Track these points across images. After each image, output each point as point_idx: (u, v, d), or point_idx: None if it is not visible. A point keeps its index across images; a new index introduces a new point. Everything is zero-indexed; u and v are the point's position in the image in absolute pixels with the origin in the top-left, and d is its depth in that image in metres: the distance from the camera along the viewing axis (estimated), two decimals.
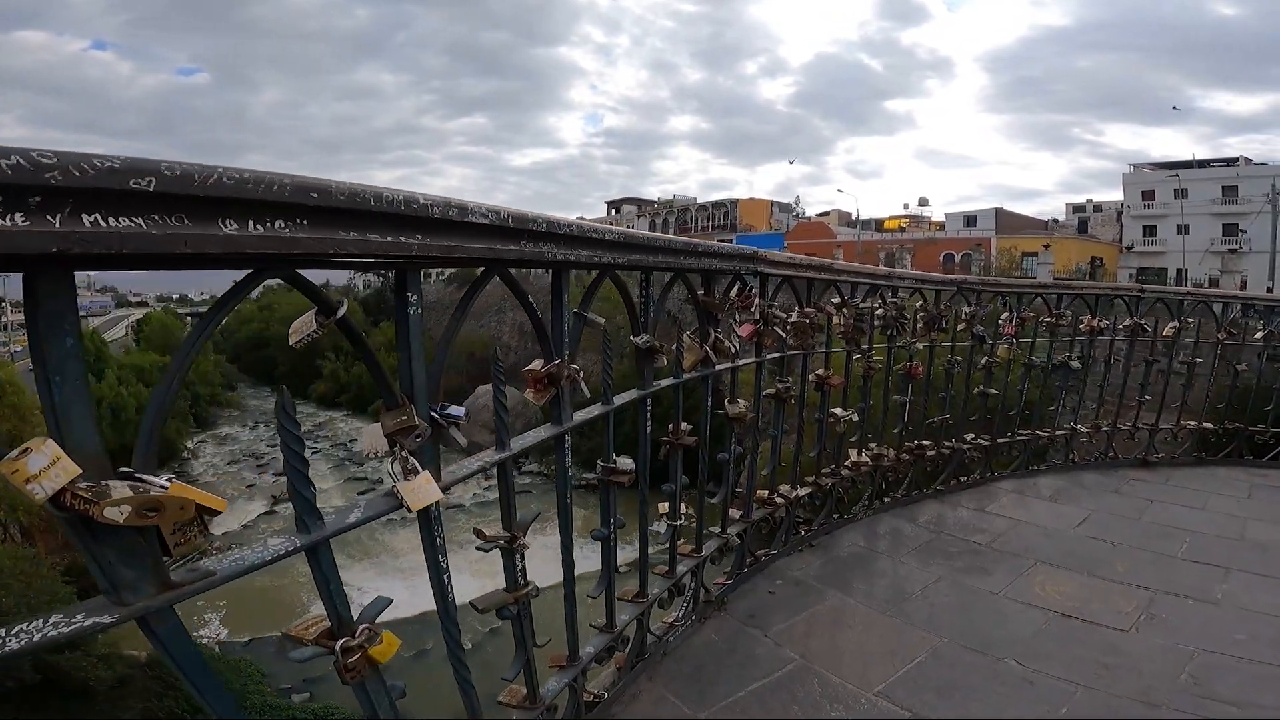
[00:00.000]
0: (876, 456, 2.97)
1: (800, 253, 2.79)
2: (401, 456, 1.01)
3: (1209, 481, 3.80)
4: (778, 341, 2.14)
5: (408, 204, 0.90)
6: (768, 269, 2.01)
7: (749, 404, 2.06)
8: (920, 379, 3.01)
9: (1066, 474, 3.84)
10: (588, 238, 1.29)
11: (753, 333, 2.03)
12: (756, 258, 1.93)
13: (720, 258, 1.79)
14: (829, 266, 2.32)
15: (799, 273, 2.18)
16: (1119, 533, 3.04)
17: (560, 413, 1.37)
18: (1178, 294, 3.87)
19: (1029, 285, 3.45)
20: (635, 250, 1.45)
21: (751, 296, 1.97)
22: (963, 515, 3.27)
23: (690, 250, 1.64)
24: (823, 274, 2.29)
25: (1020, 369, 3.53)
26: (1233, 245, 35.24)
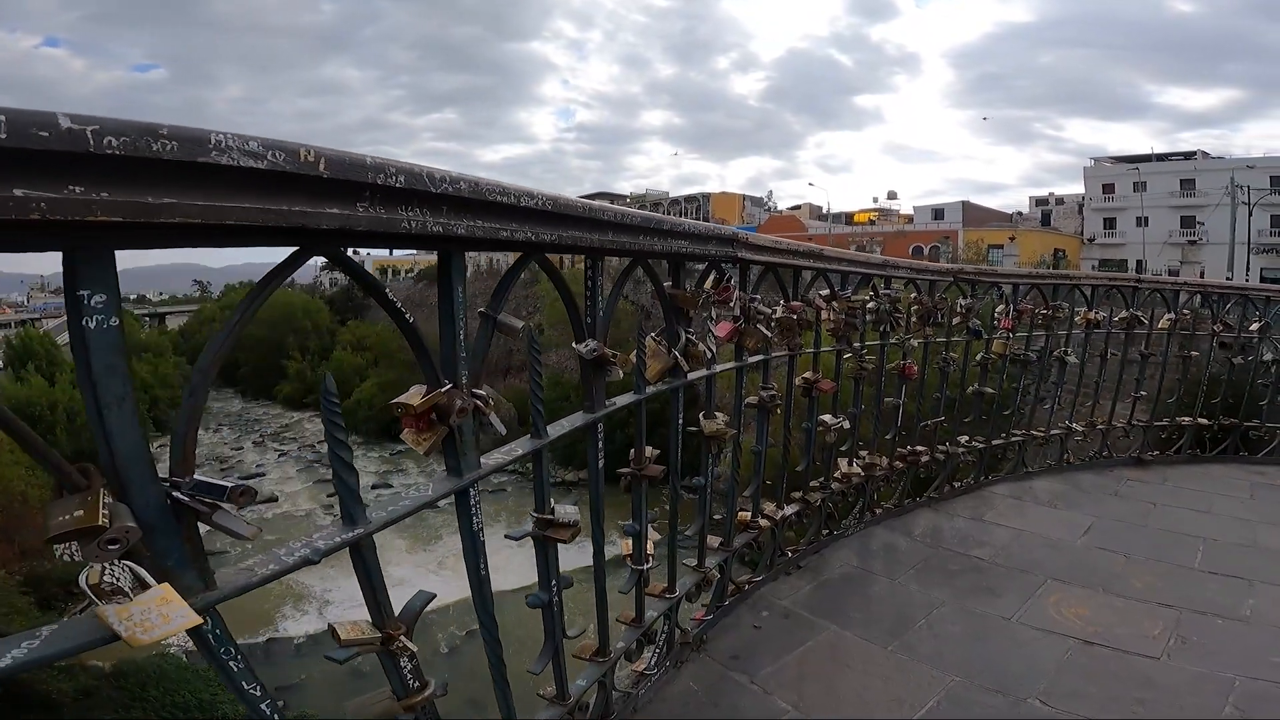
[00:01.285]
0: (869, 466, 2.69)
1: None
2: None
3: (1207, 481, 3.61)
4: (761, 342, 1.83)
5: None
6: (749, 255, 1.69)
7: (728, 418, 1.75)
8: (915, 379, 2.74)
9: (1062, 475, 3.62)
10: (493, 203, 0.93)
11: (732, 332, 1.71)
12: (736, 240, 1.61)
13: (692, 239, 1.45)
14: (819, 253, 2.02)
15: (786, 260, 1.88)
16: (1129, 542, 2.82)
17: (459, 462, 1.03)
18: (1175, 285, 3.68)
19: (1027, 276, 3.21)
20: (571, 224, 1.09)
21: (730, 288, 1.66)
22: (960, 526, 3.02)
23: (652, 228, 1.29)
24: (812, 262, 1.99)
25: (1016, 365, 3.29)
26: (1191, 237, 36.22)
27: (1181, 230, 37.07)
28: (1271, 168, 33.86)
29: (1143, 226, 38.26)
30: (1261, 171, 33.53)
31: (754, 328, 1.74)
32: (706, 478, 1.77)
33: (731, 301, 1.64)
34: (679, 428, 1.58)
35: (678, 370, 1.50)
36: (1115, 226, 40.20)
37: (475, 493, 1.10)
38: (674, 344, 1.48)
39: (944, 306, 2.76)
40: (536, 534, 1.26)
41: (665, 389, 1.51)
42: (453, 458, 1.04)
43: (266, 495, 25.17)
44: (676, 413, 1.56)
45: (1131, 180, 39.70)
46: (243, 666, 0.77)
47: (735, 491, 1.99)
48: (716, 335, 1.67)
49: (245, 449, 32.62)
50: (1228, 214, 33.06)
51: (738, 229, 1.57)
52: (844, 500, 2.76)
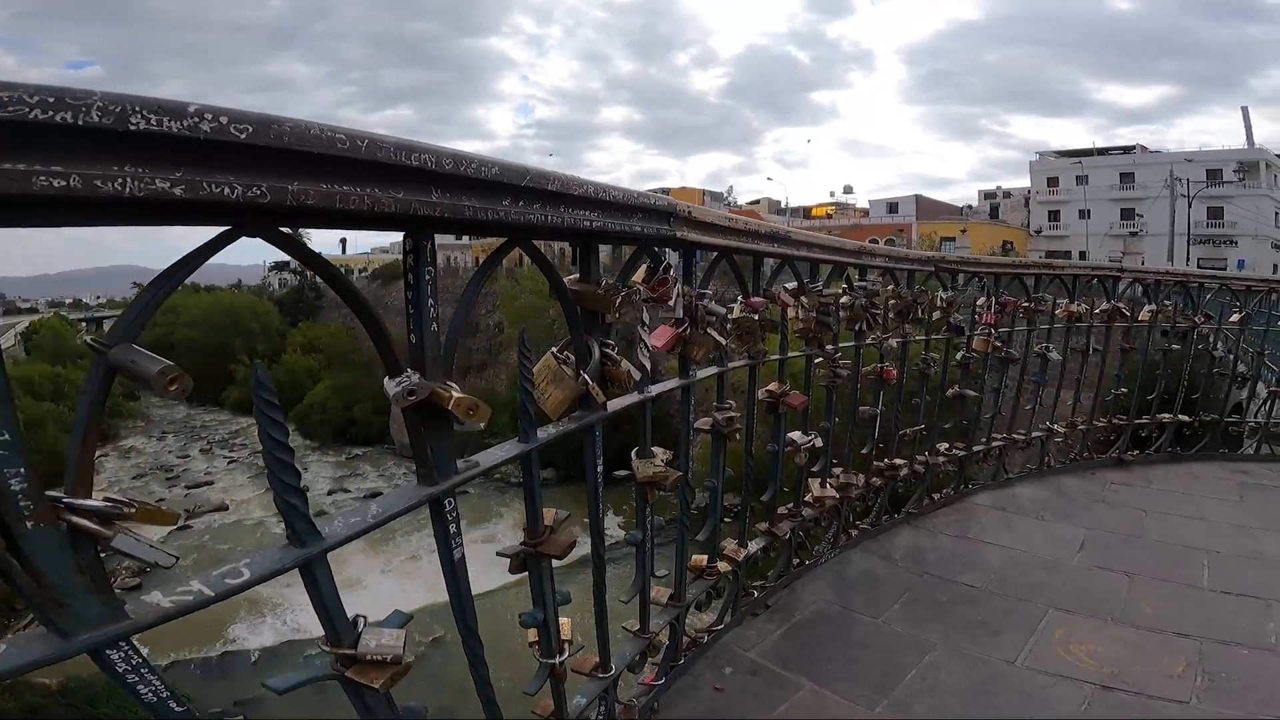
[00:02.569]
0: (844, 486, 2.35)
1: None
2: None
3: (1192, 483, 3.40)
4: (713, 351, 1.44)
5: None
6: (693, 235, 1.28)
7: (671, 454, 1.36)
8: (893, 384, 2.40)
9: (1044, 481, 3.36)
10: None
11: (673, 339, 1.32)
12: (675, 215, 1.20)
13: (604, 210, 1.02)
14: (784, 236, 1.63)
15: (742, 243, 1.48)
16: (1128, 559, 2.55)
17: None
18: (1156, 276, 3.46)
19: (1010, 265, 2.91)
20: (378, 178, 0.69)
21: (670, 281, 1.25)
22: (945, 546, 2.71)
23: (532, 189, 0.85)
24: (776, 246, 1.60)
25: (999, 364, 3.00)
26: (1132, 229, 37.57)
27: (1122, 222, 38.43)
28: (1208, 161, 35.36)
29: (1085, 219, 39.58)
30: (1198, 165, 34.97)
31: (703, 333, 1.35)
32: (644, 530, 1.38)
33: (671, 299, 1.24)
34: (597, 484, 1.17)
35: (590, 401, 1.10)
36: (1059, 219, 41.48)
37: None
38: (583, 363, 1.09)
39: (924, 300, 2.43)
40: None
41: (573, 429, 1.11)
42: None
43: (215, 504, 24.13)
44: (592, 460, 1.15)
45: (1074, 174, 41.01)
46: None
47: (686, 538, 1.61)
48: (652, 346, 1.28)
49: (192, 456, 31.20)
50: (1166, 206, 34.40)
51: (678, 202, 1.17)
52: (816, 525, 2.41)
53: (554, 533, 1.03)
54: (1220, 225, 35.22)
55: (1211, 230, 35.22)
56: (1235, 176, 34.31)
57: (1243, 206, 34.43)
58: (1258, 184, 34.43)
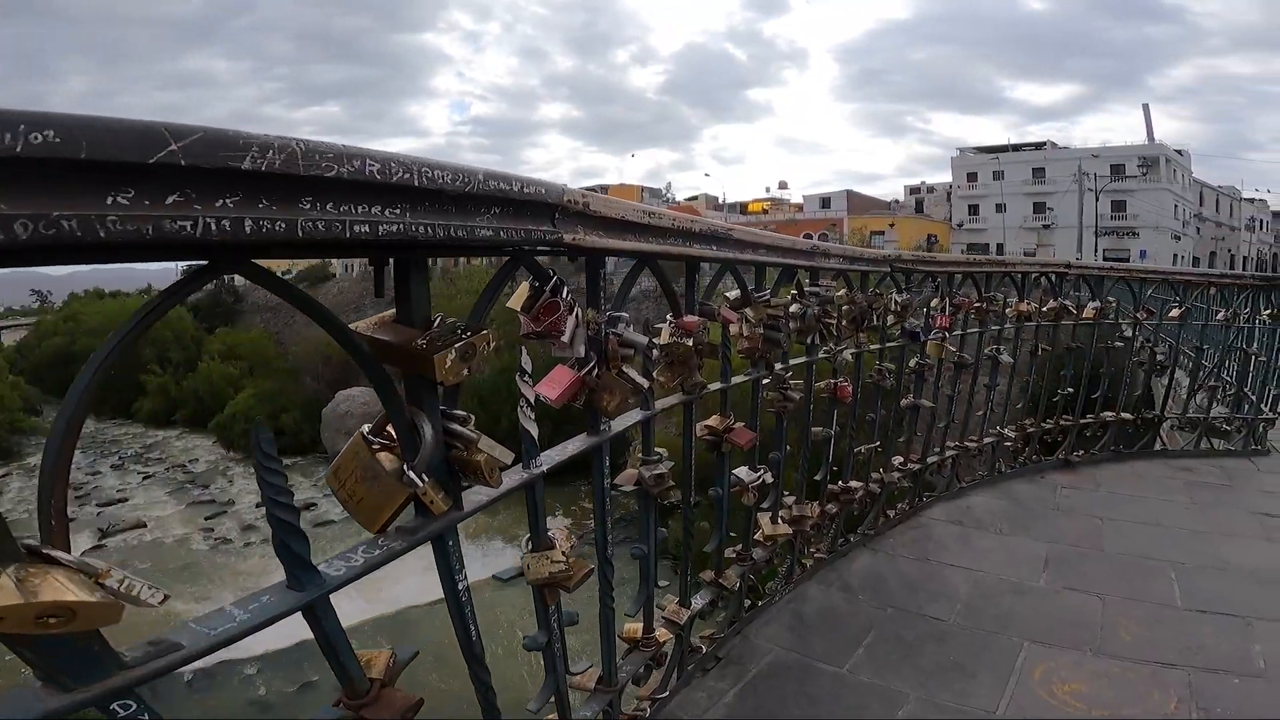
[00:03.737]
0: (797, 520, 2.08)
1: None
2: None
3: (1139, 483, 3.33)
4: (629, 397, 1.12)
5: None
6: (594, 237, 0.90)
7: (575, 540, 1.02)
8: (848, 401, 2.15)
9: (995, 488, 3.22)
10: None
11: (572, 388, 0.99)
12: (562, 209, 0.84)
13: (433, 205, 0.67)
14: (725, 235, 1.29)
15: (669, 245, 1.12)
16: (1095, 577, 2.39)
17: None
18: (1101, 271, 3.37)
19: (965, 263, 2.72)
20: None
21: (560, 308, 0.92)
22: (905, 570, 2.49)
23: (241, 174, 0.50)
24: (715, 249, 1.27)
25: (953, 369, 2.81)
26: (1044, 222, 39.70)
27: (1034, 215, 40.58)
28: (1112, 157, 37.71)
29: (1002, 212, 41.63)
30: (1104, 160, 37.26)
31: (615, 376, 1.01)
32: (550, 630, 1.05)
33: (566, 332, 0.91)
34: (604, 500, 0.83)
35: (426, 512, 0.76)
36: (979, 213, 43.48)
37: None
38: (409, 451, 0.73)
39: (879, 305, 2.19)
40: None
41: (391, 553, 0.74)
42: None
43: (132, 522, 22.37)
44: (449, 565, 0.80)
45: (991, 169, 43.08)
46: None
47: (612, 624, 1.29)
48: (545, 399, 0.94)
49: (103, 473, 28.81)
50: (1074, 200, 36.53)
51: (565, 186, 0.80)
52: (769, 564, 2.14)
53: (383, 688, 0.68)
54: (1124, 218, 37.66)
55: (1115, 223, 37.62)
56: (1138, 171, 36.74)
57: (1144, 200, 36.94)
58: (1158, 178, 37.00)
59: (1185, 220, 39.43)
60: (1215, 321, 3.74)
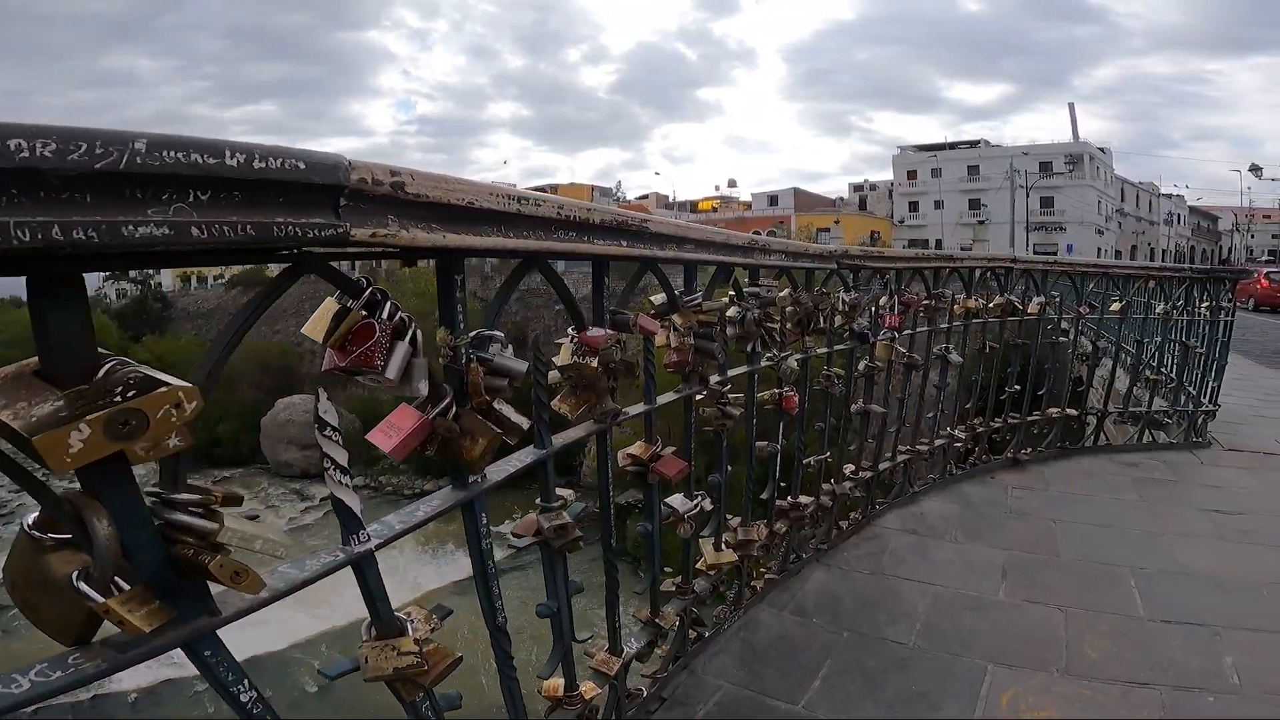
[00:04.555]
0: (744, 544, 1.88)
1: None
2: None
3: (1088, 482, 3.28)
4: (497, 441, 0.83)
5: None
6: (414, 235, 0.65)
7: (436, 622, 0.78)
8: (795, 412, 1.95)
9: (947, 491, 3.11)
10: None
11: (418, 432, 0.75)
12: (351, 190, 0.57)
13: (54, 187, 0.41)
14: (635, 228, 1.04)
15: (548, 241, 0.88)
16: (1055, 586, 2.28)
17: None
18: (1046, 266, 3.31)
19: (913, 259, 2.57)
20: None
21: (374, 331, 0.64)
22: (861, 587, 2.32)
23: None
24: (626, 245, 1.02)
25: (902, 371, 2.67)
26: (979, 218, 41.22)
27: (970, 211, 42.10)
28: (1041, 155, 39.44)
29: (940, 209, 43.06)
30: (1033, 158, 38.92)
31: (480, 420, 0.77)
32: None
33: (389, 365, 0.67)
34: None
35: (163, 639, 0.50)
36: (919, 209, 44.84)
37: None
38: (102, 575, 0.48)
39: (826, 305, 2.01)
40: None
41: None
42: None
43: None
44: None
45: (930, 167, 44.50)
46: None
47: (517, 690, 1.05)
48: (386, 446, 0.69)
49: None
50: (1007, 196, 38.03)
51: (356, 161, 0.54)
52: (714, 592, 1.93)
53: None
54: (1052, 213, 39.46)
55: (1044, 218, 39.38)
56: (1065, 168, 38.54)
57: (1070, 196, 38.79)
58: (1082, 175, 38.89)
59: (1108, 215, 41.61)
60: (1155, 316, 3.76)
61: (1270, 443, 3.90)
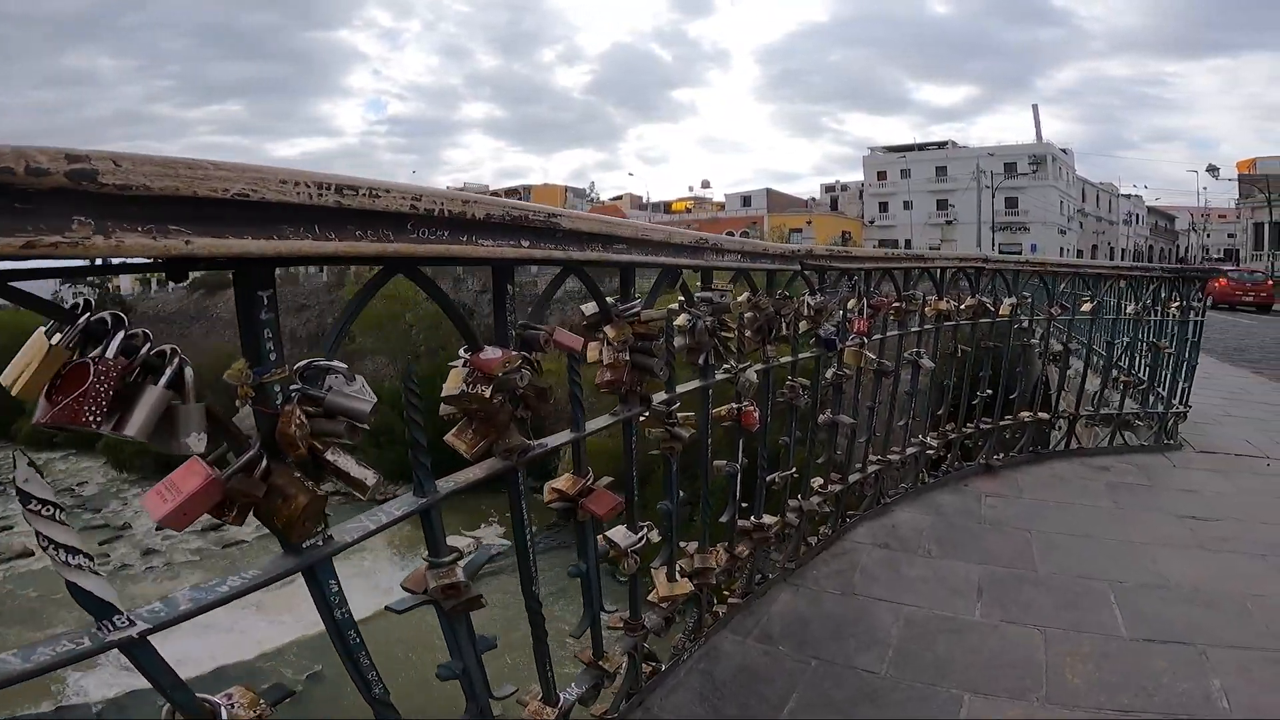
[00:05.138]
0: (701, 572, 1.71)
1: None
2: None
3: (1062, 488, 3.20)
4: (354, 488, 0.66)
5: None
6: (130, 241, 0.46)
7: (257, 710, 0.60)
8: (756, 427, 1.79)
9: (919, 500, 2.99)
10: None
11: (202, 499, 0.55)
12: None
13: None
14: (542, 224, 0.86)
15: (413, 245, 0.70)
16: (1032, 605, 2.15)
17: None
18: (1017, 266, 3.21)
19: (883, 259, 2.43)
20: None
21: (89, 375, 0.44)
22: (830, 610, 2.17)
23: None
24: (529, 246, 0.82)
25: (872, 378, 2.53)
26: (947, 218, 41.86)
27: (938, 212, 42.73)
28: (1006, 156, 40.17)
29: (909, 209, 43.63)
30: (998, 159, 39.63)
31: (295, 477, 0.58)
32: None
33: (131, 422, 0.45)
34: None
35: None
36: (888, 210, 45.37)
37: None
38: None
39: (789, 310, 1.85)
40: None
41: None
42: None
43: (18, 549, 20.18)
44: None
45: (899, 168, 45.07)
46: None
47: None
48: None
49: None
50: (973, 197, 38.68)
51: None
52: (669, 623, 1.76)
53: None
54: (1016, 214, 40.21)
55: (1009, 218, 40.12)
56: (1029, 169, 39.31)
57: (1033, 196, 39.58)
58: (1045, 176, 39.71)
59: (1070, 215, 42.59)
60: (1126, 316, 3.70)
61: (1241, 444, 3.88)
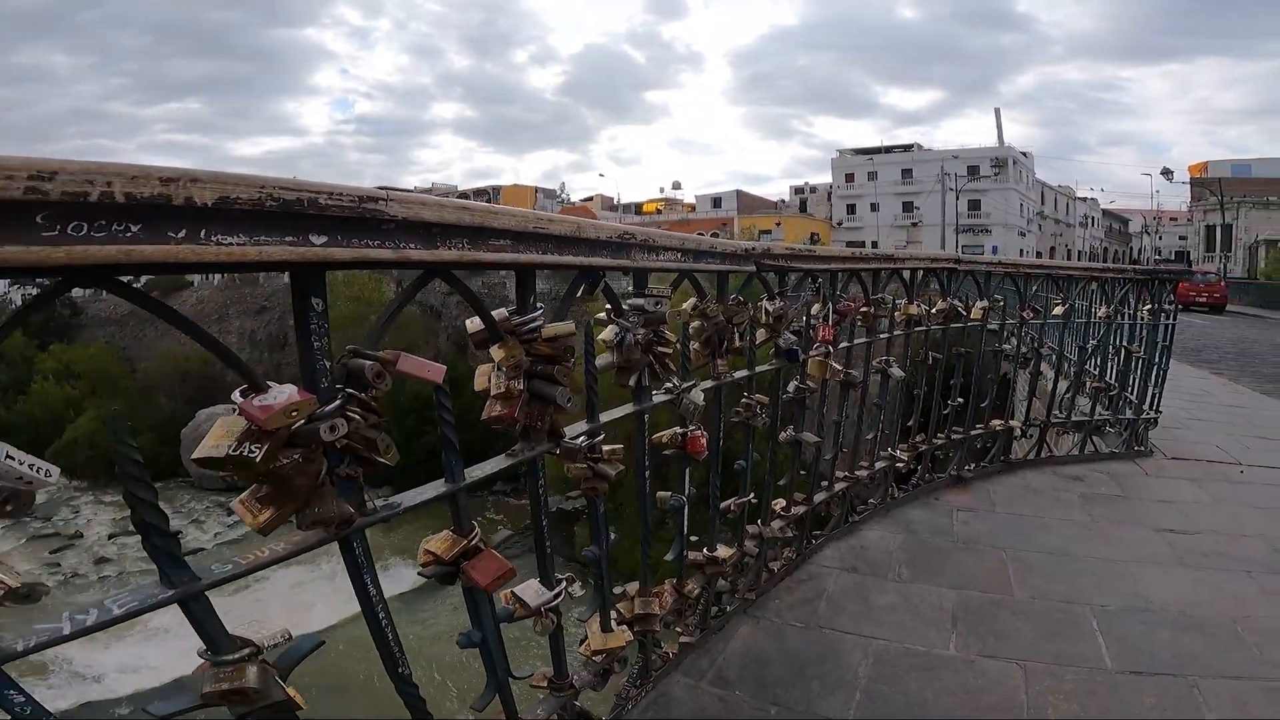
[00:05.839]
0: (643, 618, 1.49)
1: None
2: None
3: (1036, 501, 3.06)
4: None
5: None
6: None
7: None
8: (704, 454, 1.57)
9: (889, 518, 2.82)
10: None
11: None
12: None
13: None
14: (332, 207, 0.60)
15: (88, 249, 0.48)
16: (1010, 636, 1.98)
17: None
18: (989, 267, 3.06)
19: (849, 259, 2.22)
20: None
21: None
22: (793, 647, 1.97)
23: None
24: (350, 247, 0.59)
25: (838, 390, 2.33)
26: (912, 220, 42.50)
27: (904, 214, 43.37)
28: (970, 158, 40.94)
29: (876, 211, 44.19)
30: (962, 162, 40.36)
31: None
32: None
33: None
34: None
35: None
36: (856, 211, 45.91)
37: None
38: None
39: (742, 319, 1.64)
40: None
41: None
42: None
43: None
44: None
45: (867, 170, 45.64)
46: None
47: None
48: None
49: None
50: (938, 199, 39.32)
51: None
52: (605, 678, 1.53)
53: None
54: (979, 216, 41.02)
55: (972, 220, 40.91)
56: (991, 172, 40.10)
57: (995, 199, 40.41)
58: (1006, 179, 40.57)
59: (1029, 217, 43.62)
60: (1097, 320, 3.59)
61: (1211, 449, 3.81)
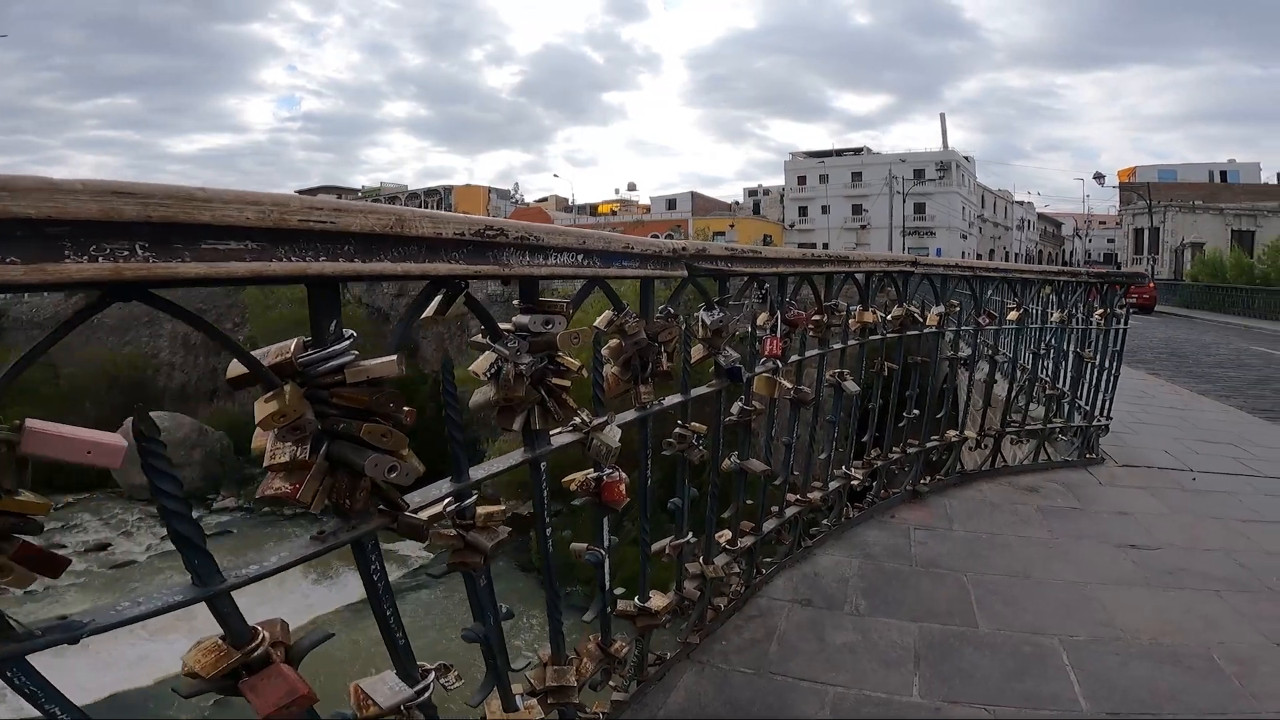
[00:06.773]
0: (557, 691, 1.23)
1: None
2: None
3: (993, 516, 2.92)
4: None
5: None
6: None
7: None
8: (623, 502, 1.32)
9: (842, 540, 2.63)
10: None
11: None
12: None
13: None
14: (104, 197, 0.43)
15: None
16: (976, 674, 1.80)
17: None
18: (946, 270, 2.92)
19: (799, 261, 1.99)
20: None
21: None
22: (740, 697, 1.74)
23: None
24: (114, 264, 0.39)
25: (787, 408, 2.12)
26: (861, 223, 43.37)
27: (853, 216, 44.24)
28: (916, 162, 42.03)
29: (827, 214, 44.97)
30: (909, 165, 41.40)
31: None
32: None
33: None
34: None
35: None
36: (807, 214, 46.62)
37: None
38: None
39: (672, 336, 1.40)
40: None
41: None
42: None
43: None
44: None
45: (818, 173, 46.39)
46: None
47: None
48: None
49: None
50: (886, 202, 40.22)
51: None
52: None
53: None
54: (924, 219, 42.16)
55: (918, 223, 42.01)
56: (936, 175, 41.27)
57: (939, 202, 41.60)
58: (950, 182, 41.82)
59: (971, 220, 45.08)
60: (1052, 324, 3.51)
61: (1160, 455, 3.78)
